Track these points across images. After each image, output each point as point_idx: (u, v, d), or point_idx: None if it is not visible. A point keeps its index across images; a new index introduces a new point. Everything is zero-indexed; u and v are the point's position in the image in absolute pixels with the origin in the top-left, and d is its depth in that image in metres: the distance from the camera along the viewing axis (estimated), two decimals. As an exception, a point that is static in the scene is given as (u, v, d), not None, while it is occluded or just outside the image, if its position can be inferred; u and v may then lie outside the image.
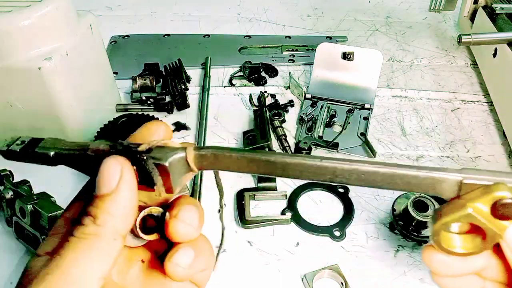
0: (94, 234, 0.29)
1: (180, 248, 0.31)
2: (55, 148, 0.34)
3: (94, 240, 0.29)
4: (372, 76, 0.82)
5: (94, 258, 0.28)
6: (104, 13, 1.09)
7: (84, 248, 0.28)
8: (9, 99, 0.64)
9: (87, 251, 0.28)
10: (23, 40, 0.59)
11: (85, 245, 0.28)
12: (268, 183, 0.68)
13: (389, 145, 0.76)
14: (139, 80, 0.81)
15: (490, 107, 0.84)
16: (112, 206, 0.29)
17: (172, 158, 0.30)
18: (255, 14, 1.09)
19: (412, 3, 1.13)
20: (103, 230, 0.29)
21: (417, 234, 0.62)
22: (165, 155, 0.30)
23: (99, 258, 0.29)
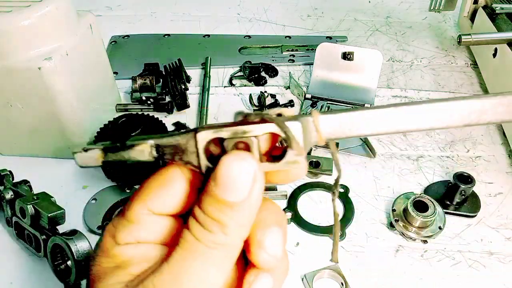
0: (222, 244, 0.28)
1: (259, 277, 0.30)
2: (152, 137, 0.31)
3: (221, 250, 0.28)
4: (372, 76, 0.82)
5: (217, 268, 0.28)
6: (104, 13, 1.09)
7: (209, 257, 0.27)
8: (9, 99, 0.64)
9: (210, 260, 0.27)
10: (23, 40, 0.59)
11: (211, 254, 0.27)
12: (268, 183, 0.68)
13: (389, 145, 0.76)
14: (139, 80, 0.81)
15: (490, 107, 0.83)
16: (242, 217, 0.28)
17: (303, 119, 0.28)
18: (255, 14, 1.09)
19: (412, 3, 1.13)
20: (230, 240, 0.28)
21: (417, 234, 0.62)
22: (295, 117, 0.29)
23: (222, 269, 0.28)
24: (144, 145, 0.30)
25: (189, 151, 0.30)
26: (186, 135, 0.29)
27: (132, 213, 0.31)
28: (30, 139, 0.70)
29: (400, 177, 0.71)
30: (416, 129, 0.29)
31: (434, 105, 0.28)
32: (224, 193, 0.27)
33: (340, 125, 0.29)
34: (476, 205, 0.66)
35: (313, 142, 0.29)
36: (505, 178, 0.71)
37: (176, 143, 0.30)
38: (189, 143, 0.29)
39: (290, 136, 0.28)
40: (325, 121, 0.29)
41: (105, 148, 0.30)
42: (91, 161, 0.31)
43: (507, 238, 0.63)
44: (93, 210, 0.65)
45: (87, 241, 0.53)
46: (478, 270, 0.60)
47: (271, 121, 0.28)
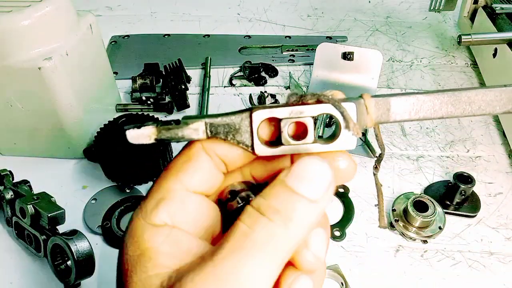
0: (278, 238, 0.25)
1: (298, 279, 0.28)
2: (206, 116, 0.30)
3: (275, 246, 0.25)
4: (372, 76, 0.82)
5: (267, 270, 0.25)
6: (104, 13, 1.09)
7: (260, 254, 0.25)
8: (9, 99, 0.64)
9: (261, 259, 0.25)
10: (23, 40, 0.59)
11: (264, 251, 0.25)
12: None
13: (389, 145, 0.76)
14: (139, 80, 0.81)
15: (490, 107, 0.84)
16: (309, 216, 0.26)
17: (356, 101, 0.29)
18: (255, 14, 1.09)
19: (412, 3, 1.13)
20: (288, 236, 0.26)
21: (417, 234, 0.62)
22: (348, 99, 0.29)
23: (271, 271, 0.25)
24: (199, 123, 0.29)
25: (242, 130, 0.30)
26: (241, 114, 0.29)
27: (165, 187, 0.29)
28: (30, 139, 0.70)
29: (400, 177, 0.71)
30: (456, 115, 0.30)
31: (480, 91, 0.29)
32: (301, 186, 0.26)
33: (390, 108, 0.29)
34: (476, 205, 0.66)
35: (364, 124, 0.30)
36: (505, 178, 0.71)
37: (230, 122, 0.29)
38: (243, 122, 0.29)
39: (347, 117, 0.28)
40: (375, 104, 0.29)
41: (158, 125, 0.30)
42: (143, 138, 0.30)
43: (507, 238, 0.63)
44: (93, 210, 0.65)
45: (87, 241, 0.53)
46: (478, 270, 0.60)
47: (327, 102, 0.28)
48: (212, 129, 0.30)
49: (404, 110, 0.29)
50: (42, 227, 0.57)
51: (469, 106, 0.29)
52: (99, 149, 0.66)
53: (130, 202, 0.66)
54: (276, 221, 0.26)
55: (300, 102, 0.29)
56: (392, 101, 0.29)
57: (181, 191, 0.30)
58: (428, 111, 0.29)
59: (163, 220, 0.29)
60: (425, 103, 0.29)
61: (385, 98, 0.29)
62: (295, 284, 0.28)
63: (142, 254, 0.28)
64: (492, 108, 0.30)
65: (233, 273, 0.24)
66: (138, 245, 0.28)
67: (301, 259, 0.28)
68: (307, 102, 0.29)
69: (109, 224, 0.63)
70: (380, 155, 0.33)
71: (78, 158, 0.73)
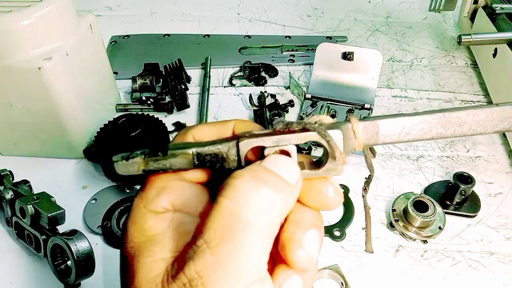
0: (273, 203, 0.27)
1: (290, 278, 0.29)
2: (193, 145, 0.31)
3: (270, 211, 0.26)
4: (372, 76, 0.82)
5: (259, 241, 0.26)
6: (104, 13, 1.09)
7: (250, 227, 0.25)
8: (9, 99, 0.64)
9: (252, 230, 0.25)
10: (23, 40, 0.59)
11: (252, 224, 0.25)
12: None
13: (389, 145, 0.76)
14: (139, 80, 0.81)
15: (490, 107, 0.84)
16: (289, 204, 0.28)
17: (343, 126, 0.29)
18: (255, 14, 1.09)
19: (412, 3, 1.13)
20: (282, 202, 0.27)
21: (417, 234, 0.62)
22: (335, 125, 0.29)
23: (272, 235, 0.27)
24: (186, 154, 0.30)
25: (230, 159, 0.30)
26: (227, 144, 0.30)
27: (164, 178, 0.31)
28: (30, 139, 0.70)
29: (400, 177, 0.71)
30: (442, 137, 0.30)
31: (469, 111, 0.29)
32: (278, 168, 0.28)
33: (378, 132, 0.29)
34: (476, 205, 0.66)
35: (351, 149, 0.30)
36: (505, 178, 0.71)
37: (218, 152, 0.30)
38: (230, 152, 0.30)
39: (333, 146, 0.28)
40: (363, 128, 0.29)
41: (146, 157, 0.30)
42: (132, 169, 0.31)
43: (507, 238, 0.63)
44: (93, 210, 0.65)
45: (87, 241, 0.53)
46: (478, 270, 0.60)
47: (313, 130, 0.28)
48: (200, 158, 0.30)
49: (393, 133, 0.29)
50: (42, 227, 0.57)
51: (460, 127, 0.29)
52: (99, 149, 0.66)
53: (130, 202, 0.65)
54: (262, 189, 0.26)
55: (287, 130, 0.29)
56: (380, 125, 0.29)
57: (179, 180, 0.31)
58: (418, 134, 0.29)
59: (164, 206, 0.30)
60: (414, 125, 0.29)
61: (374, 122, 0.29)
62: (287, 282, 0.28)
63: (149, 240, 0.28)
64: (483, 128, 0.29)
65: (232, 258, 0.25)
66: (143, 232, 0.29)
67: (294, 258, 0.28)
68: (294, 130, 0.29)
69: (109, 224, 0.63)
70: (369, 176, 0.34)
71: (78, 158, 0.73)
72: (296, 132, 0.29)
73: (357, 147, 0.30)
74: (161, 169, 0.30)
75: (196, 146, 0.30)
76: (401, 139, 0.30)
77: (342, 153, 0.28)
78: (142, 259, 0.28)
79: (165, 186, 0.30)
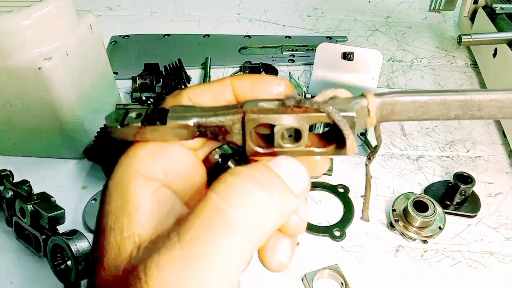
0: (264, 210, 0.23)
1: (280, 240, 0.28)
2: (194, 115, 0.27)
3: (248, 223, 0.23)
4: (372, 76, 0.82)
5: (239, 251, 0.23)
6: (104, 13, 1.09)
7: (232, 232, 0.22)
8: (9, 99, 0.64)
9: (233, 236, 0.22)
10: (23, 40, 0.59)
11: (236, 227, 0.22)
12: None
13: (389, 145, 0.76)
14: (139, 80, 0.81)
15: (490, 107, 0.84)
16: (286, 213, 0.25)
17: (357, 107, 0.26)
18: (255, 14, 1.09)
19: (412, 3, 1.13)
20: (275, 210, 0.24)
21: (417, 234, 0.62)
22: (349, 105, 0.27)
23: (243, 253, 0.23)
24: (187, 126, 0.27)
25: (233, 132, 0.28)
26: (232, 117, 0.27)
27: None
28: (30, 139, 0.70)
29: (400, 177, 0.71)
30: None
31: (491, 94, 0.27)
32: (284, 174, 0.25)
33: (394, 110, 0.28)
34: (476, 205, 0.66)
35: (363, 125, 0.28)
36: (505, 178, 0.71)
37: (220, 124, 0.27)
38: (235, 126, 0.27)
39: (346, 133, 0.27)
40: (380, 105, 0.28)
41: (143, 125, 0.27)
42: (127, 136, 0.28)
43: (507, 238, 0.63)
44: (93, 210, 0.65)
45: (87, 241, 0.53)
46: (478, 270, 0.60)
47: (327, 113, 0.27)
48: (201, 129, 0.28)
49: (409, 112, 0.28)
50: (42, 227, 0.57)
51: (479, 111, 0.28)
52: (99, 149, 0.66)
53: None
54: (255, 192, 0.23)
55: (298, 108, 0.27)
56: (398, 102, 0.28)
57: (176, 144, 0.28)
58: (435, 114, 0.28)
59: (157, 173, 0.27)
60: (432, 105, 0.27)
61: (392, 98, 0.27)
62: (279, 244, 0.28)
63: (122, 206, 0.25)
64: (503, 114, 0.28)
65: (202, 258, 0.21)
66: (122, 195, 0.25)
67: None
68: (306, 109, 0.27)
69: (109, 224, 0.63)
70: (376, 146, 0.31)
71: (78, 158, 0.73)
72: (308, 112, 0.27)
73: (369, 124, 0.28)
74: (159, 139, 0.28)
75: (197, 115, 0.28)
76: (417, 118, 0.28)
77: (353, 142, 0.27)
78: (112, 236, 0.24)
79: (162, 148, 0.27)
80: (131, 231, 0.24)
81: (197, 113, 0.28)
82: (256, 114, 0.27)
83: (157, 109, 0.28)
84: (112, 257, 0.24)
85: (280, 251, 0.27)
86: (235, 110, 0.27)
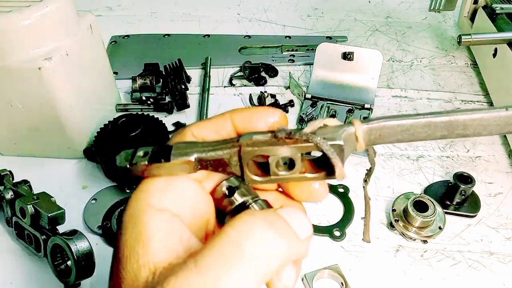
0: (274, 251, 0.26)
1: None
2: (195, 150, 0.30)
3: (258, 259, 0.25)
4: (372, 76, 0.82)
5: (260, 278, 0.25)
6: (104, 13, 1.09)
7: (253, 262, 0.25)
8: (9, 99, 0.64)
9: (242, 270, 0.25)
10: (23, 40, 0.59)
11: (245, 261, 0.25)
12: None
13: (389, 145, 0.76)
14: (139, 80, 0.81)
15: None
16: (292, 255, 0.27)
17: (344, 135, 0.28)
18: (255, 14, 1.09)
19: (412, 3, 1.13)
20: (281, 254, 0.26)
21: (417, 234, 0.62)
22: (336, 133, 0.28)
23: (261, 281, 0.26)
24: (188, 161, 0.30)
25: (232, 164, 0.30)
26: (229, 151, 0.30)
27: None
28: (30, 139, 0.70)
29: (400, 177, 0.71)
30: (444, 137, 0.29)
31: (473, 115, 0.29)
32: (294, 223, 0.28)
33: (381, 134, 0.29)
34: (476, 205, 0.66)
35: (353, 150, 0.30)
36: (505, 178, 0.71)
37: (219, 158, 0.30)
38: (232, 158, 0.30)
39: (334, 162, 0.28)
40: (367, 131, 0.29)
41: (149, 164, 0.30)
42: (136, 173, 0.31)
43: (507, 238, 0.63)
44: (93, 210, 0.65)
45: (87, 241, 0.53)
46: (478, 270, 0.60)
47: (315, 144, 0.28)
48: (202, 163, 0.30)
49: (396, 135, 0.29)
50: (42, 227, 0.57)
51: (464, 130, 0.29)
52: (99, 149, 0.66)
53: (130, 202, 0.66)
54: (268, 233, 0.26)
55: (289, 139, 0.29)
56: (384, 127, 0.29)
57: (184, 178, 0.30)
58: (421, 135, 0.29)
59: (167, 205, 0.29)
60: (419, 128, 0.29)
61: (378, 124, 0.29)
62: (284, 270, 0.28)
63: (137, 237, 0.27)
64: (488, 132, 0.29)
65: (216, 282, 0.24)
66: (136, 227, 0.28)
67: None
68: (296, 140, 0.29)
69: (109, 224, 0.63)
70: (370, 169, 0.34)
71: (78, 158, 0.73)
72: (298, 143, 0.29)
73: (359, 148, 0.30)
74: (164, 174, 0.30)
75: (197, 151, 0.30)
76: (405, 139, 0.29)
77: (341, 169, 0.29)
78: (129, 265, 0.27)
79: (170, 182, 0.30)
80: (146, 259, 0.26)
81: (198, 149, 0.30)
82: (250, 147, 0.29)
83: (162, 146, 0.30)
84: (129, 284, 0.26)
85: (285, 277, 0.28)
86: (232, 144, 0.30)
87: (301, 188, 0.32)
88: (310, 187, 0.32)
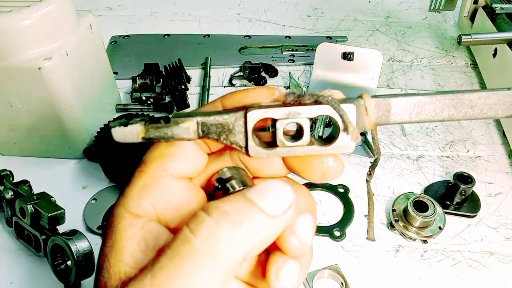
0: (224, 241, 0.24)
1: (286, 263, 0.28)
2: (198, 114, 0.28)
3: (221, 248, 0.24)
4: (372, 76, 0.82)
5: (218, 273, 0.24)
6: (104, 13, 1.09)
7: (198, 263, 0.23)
8: (9, 99, 0.64)
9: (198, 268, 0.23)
10: (23, 40, 0.59)
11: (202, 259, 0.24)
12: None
13: (389, 145, 0.76)
14: (139, 80, 0.81)
15: (490, 107, 0.84)
16: (263, 230, 0.25)
17: (355, 102, 0.27)
18: (255, 14, 1.09)
19: (412, 3, 1.13)
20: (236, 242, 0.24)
21: (417, 234, 0.62)
22: (347, 100, 0.27)
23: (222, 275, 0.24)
24: (190, 122, 0.28)
25: (236, 130, 0.28)
26: (235, 114, 0.28)
27: (148, 174, 0.29)
28: (30, 139, 0.70)
29: (400, 177, 0.71)
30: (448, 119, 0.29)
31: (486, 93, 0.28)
32: (261, 199, 0.26)
33: (390, 110, 0.28)
34: (476, 205, 0.66)
35: (362, 127, 0.29)
36: (505, 178, 0.71)
37: (224, 122, 0.28)
38: (237, 122, 0.28)
39: (346, 120, 0.27)
40: (375, 105, 0.28)
41: (147, 123, 0.28)
42: (130, 136, 0.28)
43: (507, 238, 0.63)
44: (93, 210, 0.65)
45: (87, 241, 0.53)
46: (478, 270, 0.60)
47: (326, 103, 0.27)
48: (204, 129, 0.28)
49: (404, 112, 0.29)
50: (42, 227, 0.57)
51: (471, 109, 0.29)
52: (99, 149, 0.66)
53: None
54: (222, 224, 0.24)
55: (298, 102, 0.28)
56: (392, 102, 0.28)
57: (165, 178, 0.29)
58: (429, 114, 0.29)
59: (145, 209, 0.28)
60: (426, 105, 0.28)
61: (386, 99, 0.28)
62: (283, 268, 0.28)
63: (112, 245, 0.27)
64: (494, 112, 0.29)
65: (167, 284, 0.23)
66: (113, 236, 0.27)
67: (288, 245, 0.28)
68: (305, 103, 0.28)
69: (109, 224, 0.63)
70: (375, 160, 0.32)
71: (78, 158, 0.73)
72: (308, 105, 0.27)
73: (368, 124, 0.29)
74: (163, 137, 0.28)
75: (200, 115, 0.28)
76: (412, 119, 0.29)
77: (355, 128, 0.27)
78: (102, 274, 0.27)
79: (148, 184, 0.28)
80: (116, 268, 0.26)
81: (200, 113, 0.28)
82: (257, 109, 0.28)
83: (161, 117, 0.28)
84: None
85: (283, 277, 0.28)
86: (238, 109, 0.28)
87: (314, 167, 0.29)
88: (323, 166, 0.29)
